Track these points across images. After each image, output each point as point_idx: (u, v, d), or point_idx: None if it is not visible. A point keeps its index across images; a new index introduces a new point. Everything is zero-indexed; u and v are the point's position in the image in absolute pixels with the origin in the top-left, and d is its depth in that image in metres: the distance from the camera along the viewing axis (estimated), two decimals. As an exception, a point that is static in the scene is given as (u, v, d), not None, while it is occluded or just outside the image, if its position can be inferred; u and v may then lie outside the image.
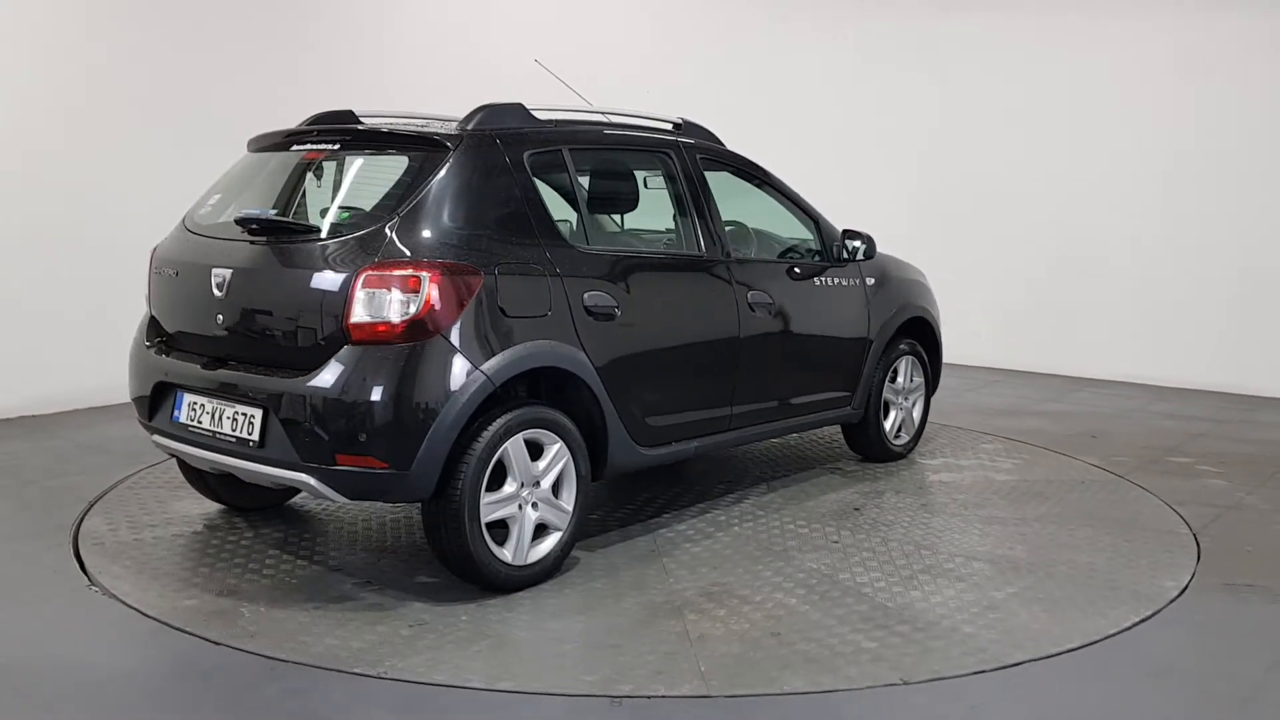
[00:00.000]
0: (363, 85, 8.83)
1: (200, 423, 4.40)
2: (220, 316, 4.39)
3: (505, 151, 4.51)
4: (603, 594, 4.38)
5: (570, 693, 3.54)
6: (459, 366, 4.09)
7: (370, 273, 4.05)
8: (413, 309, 4.02)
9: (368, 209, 4.40)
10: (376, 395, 3.98)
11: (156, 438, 4.69)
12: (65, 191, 7.34)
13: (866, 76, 10.88)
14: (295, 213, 4.65)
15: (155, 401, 4.64)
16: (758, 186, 5.90)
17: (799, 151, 10.67)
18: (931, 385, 6.98)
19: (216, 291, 4.36)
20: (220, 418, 4.32)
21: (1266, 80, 9.05)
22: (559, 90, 5.89)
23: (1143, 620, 4.23)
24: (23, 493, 5.53)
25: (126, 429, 6.86)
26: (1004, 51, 10.22)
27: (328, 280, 4.11)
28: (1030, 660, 3.85)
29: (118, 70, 7.60)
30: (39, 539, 4.86)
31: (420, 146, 4.44)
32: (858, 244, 6.14)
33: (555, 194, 4.92)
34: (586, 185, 5.18)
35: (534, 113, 4.82)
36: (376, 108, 5.06)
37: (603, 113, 5.37)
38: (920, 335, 6.79)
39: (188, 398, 4.49)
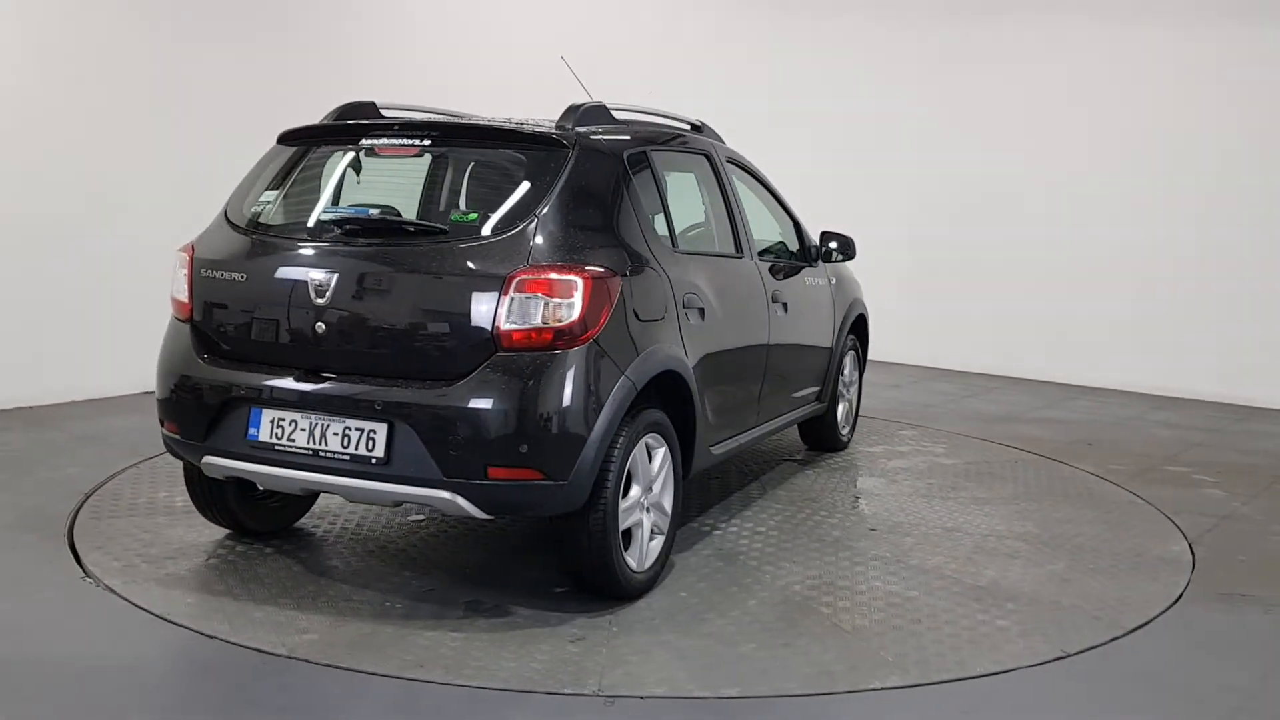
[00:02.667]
0: (360, 83, 8.84)
1: (292, 441, 4.00)
2: (320, 325, 4.01)
3: (611, 152, 4.45)
4: (715, 595, 4.41)
5: (773, 694, 3.60)
6: (609, 372, 4.00)
7: (522, 277, 3.86)
8: (565, 314, 3.87)
9: (489, 210, 4.22)
10: (536, 404, 3.82)
11: (213, 460, 4.18)
12: (62, 185, 7.34)
13: (867, 81, 10.87)
14: (384, 211, 4.41)
15: (212, 419, 4.17)
16: (754, 186, 5.97)
17: (800, 154, 10.68)
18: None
19: (315, 297, 4.00)
20: (323, 434, 3.96)
21: (1266, 89, 9.06)
22: (555, 88, 5.88)
23: (1136, 629, 4.24)
24: (19, 484, 5.53)
25: (124, 421, 6.87)
26: (1004, 58, 10.22)
27: (472, 285, 3.89)
28: (1020, 667, 3.86)
29: (112, 66, 7.60)
30: (34, 531, 4.85)
31: (535, 146, 4.27)
32: (833, 245, 6.22)
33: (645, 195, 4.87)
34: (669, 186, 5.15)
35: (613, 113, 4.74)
36: (379, 103, 5.01)
37: (644, 110, 5.25)
38: (857, 331, 7.04)
39: (269, 414, 4.06)
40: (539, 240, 3.98)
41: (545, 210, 4.05)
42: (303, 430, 4.00)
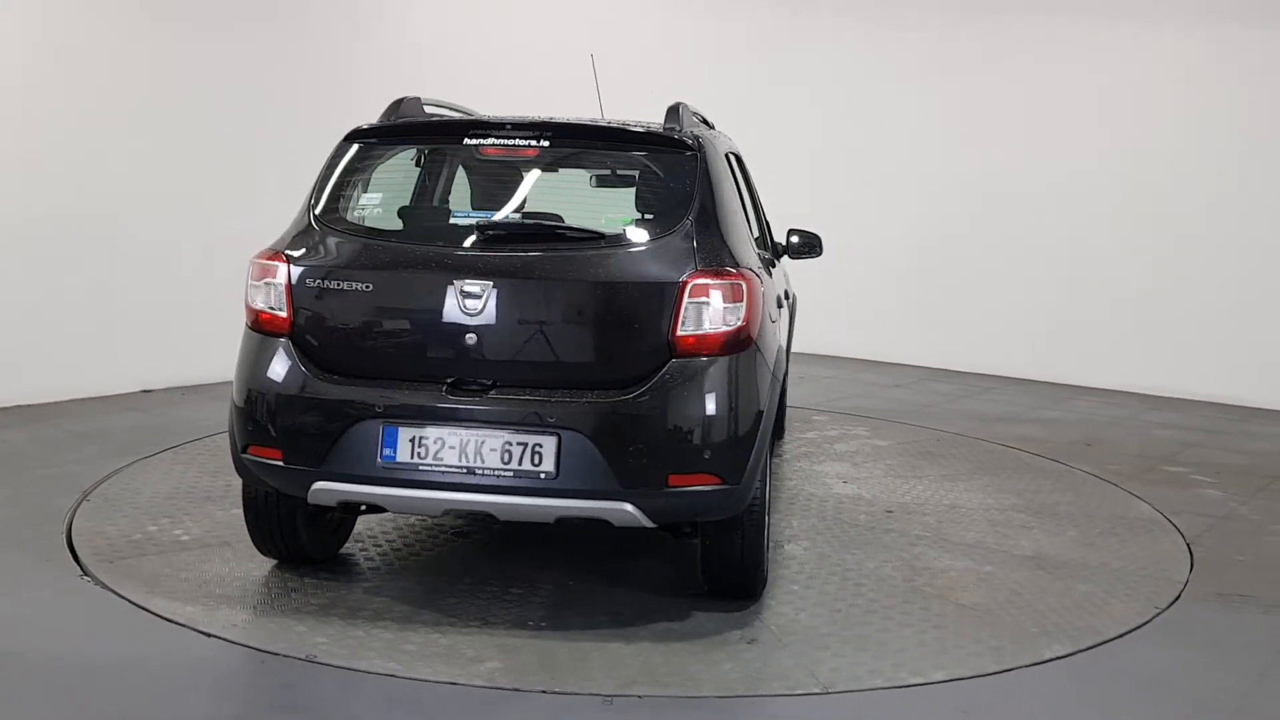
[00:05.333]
0: (359, 83, 8.84)
1: (439, 460, 3.75)
2: (472, 336, 3.81)
3: (723, 153, 4.40)
4: (823, 588, 4.54)
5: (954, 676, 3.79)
6: (764, 373, 4.01)
7: (696, 281, 3.81)
8: (733, 318, 3.85)
9: (634, 214, 4.20)
10: (716, 409, 3.79)
11: (328, 485, 3.84)
12: (62, 182, 7.33)
13: (869, 83, 10.89)
14: (510, 213, 4.35)
15: (330, 442, 3.83)
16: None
17: (799, 154, 10.69)
18: None
19: (467, 307, 3.80)
20: (478, 451, 3.74)
21: (1264, 91, 9.07)
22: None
23: (1134, 628, 4.25)
24: (18, 482, 5.52)
25: (123, 419, 6.87)
26: (1005, 61, 10.22)
27: (645, 291, 3.83)
28: (1020, 667, 3.86)
29: (110, 64, 7.60)
30: (33, 528, 4.84)
31: (665, 148, 4.21)
32: (795, 240, 6.03)
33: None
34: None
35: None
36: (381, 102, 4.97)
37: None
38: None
39: (407, 432, 3.77)
40: (699, 244, 3.93)
41: (695, 213, 4.00)
42: (452, 448, 3.74)
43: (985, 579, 4.71)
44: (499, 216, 4.13)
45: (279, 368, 3.93)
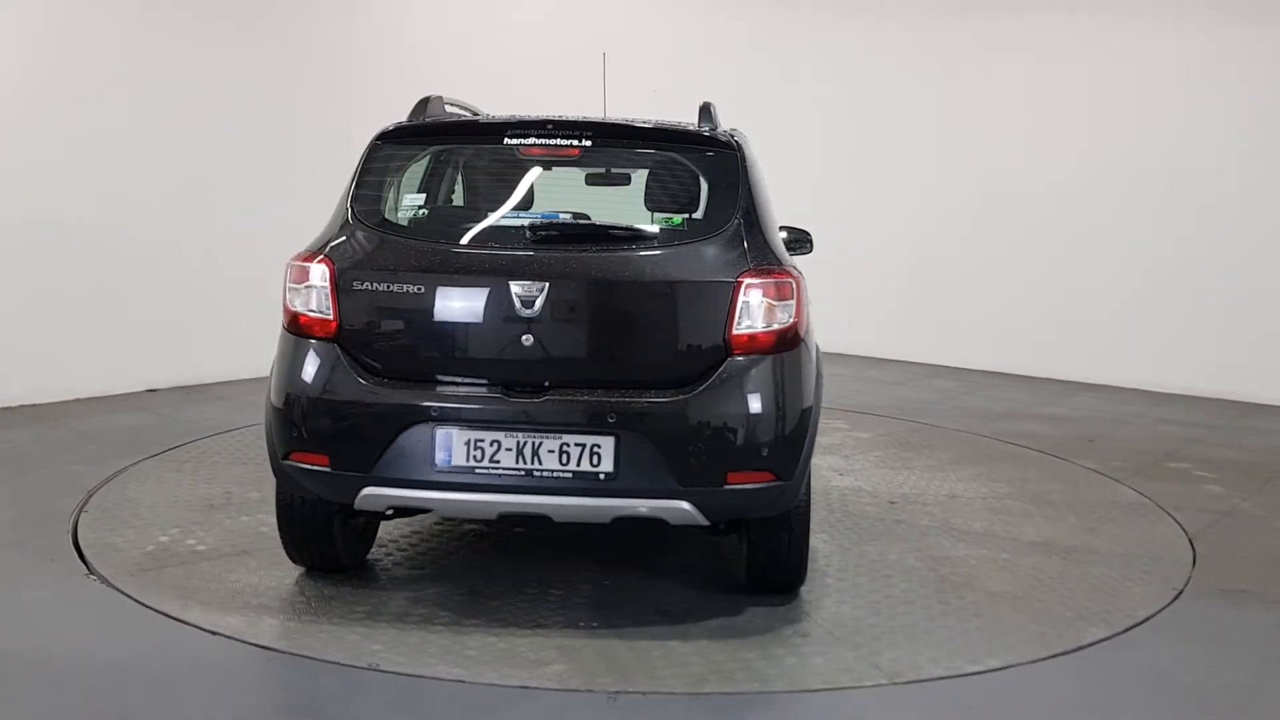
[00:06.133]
0: (356, 82, 8.85)
1: (496, 463, 3.73)
2: (528, 337, 3.78)
3: (752, 152, 4.42)
4: (854, 579, 4.61)
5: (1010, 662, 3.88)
6: (811, 370, 4.05)
7: (751, 280, 3.85)
8: (785, 316, 3.90)
9: (682, 213, 4.23)
10: (773, 407, 3.84)
11: (378, 491, 3.80)
12: (64, 183, 7.35)
13: (869, 81, 10.89)
14: (557, 213, 4.32)
15: (382, 447, 3.76)
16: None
17: (799, 152, 10.68)
18: None
19: (522, 308, 3.77)
20: (535, 453, 3.73)
21: (1264, 89, 9.05)
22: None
23: (1137, 624, 4.25)
24: (22, 481, 5.54)
25: (126, 419, 6.88)
26: (1007, 58, 10.22)
27: (702, 290, 3.87)
28: (1020, 664, 3.87)
29: (110, 66, 7.61)
30: (38, 527, 4.86)
31: (707, 147, 4.24)
32: (786, 236, 6.05)
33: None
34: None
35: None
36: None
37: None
38: None
39: (462, 435, 3.74)
40: (749, 243, 3.98)
41: (741, 212, 4.04)
42: (509, 450, 3.73)
43: (1005, 566, 4.84)
44: (546, 217, 4.13)
45: (326, 372, 3.86)
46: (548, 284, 3.79)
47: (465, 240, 4.10)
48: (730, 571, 4.57)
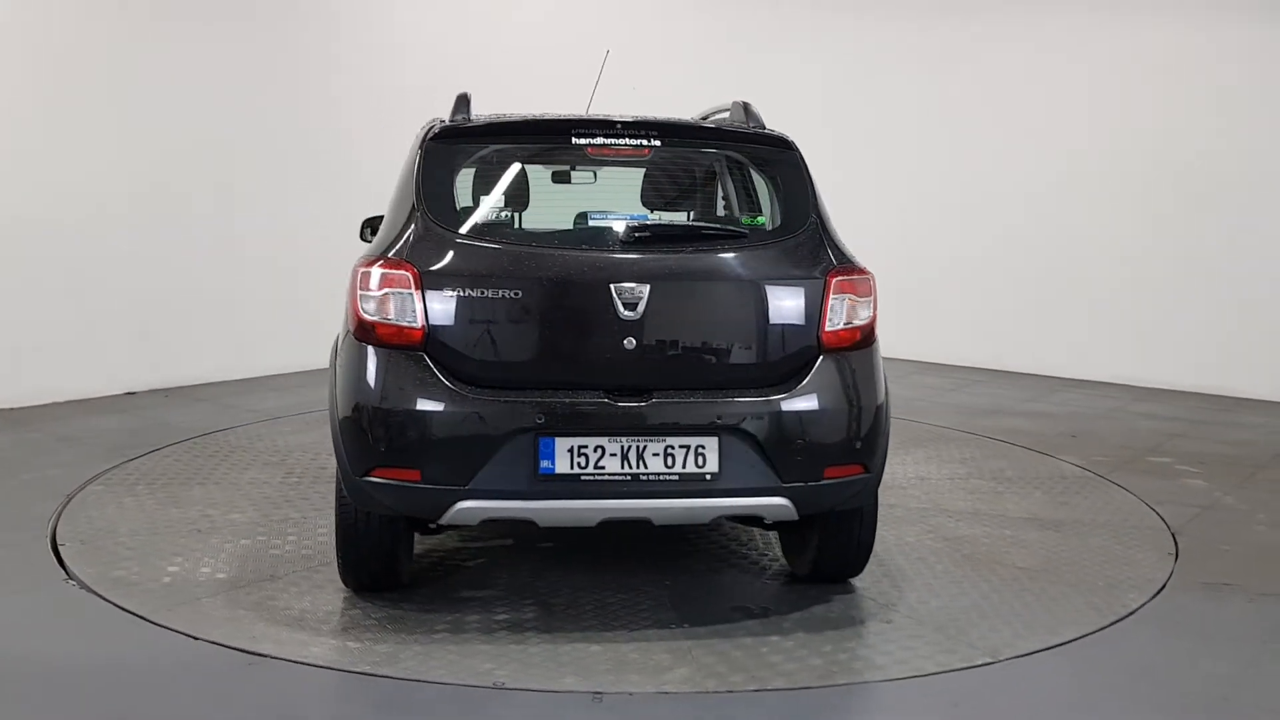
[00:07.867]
0: (353, 82, 8.80)
1: (601, 469, 3.68)
2: (631, 340, 3.73)
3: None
4: (898, 560, 4.76)
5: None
6: (882, 365, 4.13)
7: (838, 278, 3.95)
8: (865, 312, 4.01)
9: (760, 211, 4.29)
10: (863, 402, 3.94)
11: (474, 505, 3.68)
12: (41, 186, 7.30)
13: (857, 80, 10.89)
14: (639, 213, 4.34)
15: (483, 459, 3.64)
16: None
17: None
18: None
19: (625, 311, 3.72)
20: (640, 457, 3.70)
21: (1250, 85, 9.09)
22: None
23: (1120, 619, 4.26)
24: (0, 485, 5.49)
25: (105, 422, 6.83)
26: (993, 57, 10.25)
27: (795, 289, 3.92)
28: (1008, 659, 3.86)
29: (88, 66, 7.56)
30: (16, 531, 4.81)
31: (770, 146, 4.28)
32: None
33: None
34: None
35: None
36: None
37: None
38: None
39: (565, 443, 3.66)
40: (828, 241, 4.07)
41: (815, 210, 4.13)
42: (613, 455, 3.69)
43: (1014, 542, 5.06)
44: (636, 218, 4.11)
45: (416, 383, 3.67)
46: (649, 286, 3.75)
47: (559, 242, 3.98)
48: (762, 563, 4.67)
